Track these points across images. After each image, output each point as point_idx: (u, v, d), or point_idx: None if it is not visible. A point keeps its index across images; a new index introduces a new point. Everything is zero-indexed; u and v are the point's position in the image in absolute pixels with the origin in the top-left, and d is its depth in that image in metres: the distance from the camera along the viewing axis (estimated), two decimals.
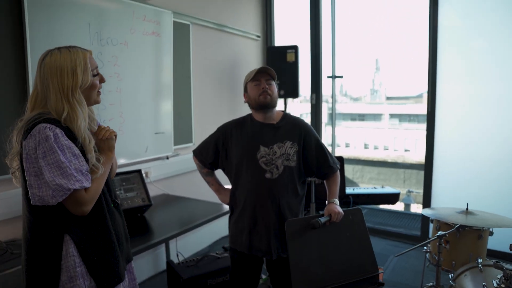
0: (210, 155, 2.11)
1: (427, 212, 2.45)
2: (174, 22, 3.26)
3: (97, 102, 1.42)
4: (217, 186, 2.20)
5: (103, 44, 2.69)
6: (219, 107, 3.96)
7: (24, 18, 2.21)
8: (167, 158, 3.31)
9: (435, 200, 3.72)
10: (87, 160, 1.31)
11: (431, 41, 3.63)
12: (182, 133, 3.48)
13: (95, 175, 1.32)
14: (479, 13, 3.47)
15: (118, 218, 1.48)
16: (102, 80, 1.42)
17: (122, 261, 1.44)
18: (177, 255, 2.84)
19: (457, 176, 3.59)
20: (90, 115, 1.45)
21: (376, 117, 14.07)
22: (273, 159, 1.94)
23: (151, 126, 3.12)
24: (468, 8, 3.51)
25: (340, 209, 1.93)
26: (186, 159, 3.48)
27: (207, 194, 3.37)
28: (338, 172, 2.08)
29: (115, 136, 1.47)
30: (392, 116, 13.17)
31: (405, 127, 13.03)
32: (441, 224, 2.43)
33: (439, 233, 2.20)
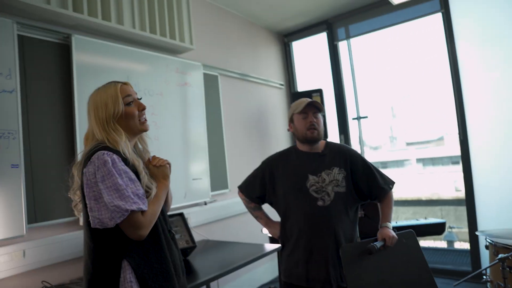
0: (257, 189, 2.10)
1: (482, 234, 2.34)
2: (204, 74, 3.44)
3: (144, 129, 1.45)
4: (266, 220, 2.18)
5: (141, 95, 2.82)
6: (250, 152, 4.01)
7: (72, 81, 2.43)
8: (205, 203, 3.31)
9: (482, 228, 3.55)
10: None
11: (453, 75, 3.69)
12: (217, 179, 3.51)
13: (149, 198, 1.35)
14: (495, 42, 3.55)
15: (174, 248, 1.47)
16: (140, 107, 1.44)
17: None
18: None
19: (501, 203, 3.44)
20: (143, 145, 1.52)
21: (399, 163, 13.87)
22: (323, 186, 1.93)
23: (188, 172, 3.17)
24: (483, 39, 3.61)
25: (393, 233, 1.88)
26: (223, 205, 3.49)
27: (247, 238, 3.34)
28: (391, 193, 2.02)
29: (169, 165, 1.50)
30: (417, 161, 12.96)
31: (430, 171, 12.76)
32: (499, 249, 2.30)
33: (500, 255, 2.08)
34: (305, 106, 1.98)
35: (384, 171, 2.07)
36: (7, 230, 2.01)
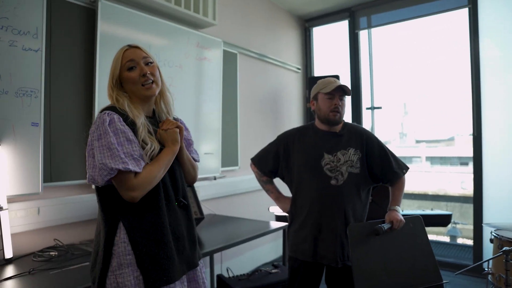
0: (270, 163, 2.12)
1: (488, 226, 2.36)
2: (224, 51, 3.45)
3: (147, 94, 1.38)
4: (276, 194, 2.21)
5: (161, 65, 2.84)
6: (262, 132, 4.04)
7: (96, 46, 2.45)
8: (215, 178, 3.36)
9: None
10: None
11: (473, 73, 3.66)
12: (228, 156, 3.56)
13: (149, 155, 1.32)
14: None
15: (181, 218, 1.42)
16: (141, 72, 1.37)
17: (180, 263, 1.36)
18: (227, 270, 2.80)
19: (508, 199, 3.44)
20: (167, 107, 1.49)
21: (407, 160, 13.81)
22: (337, 166, 1.94)
23: (200, 147, 3.21)
24: (508, 38, 3.56)
25: (401, 217, 1.90)
26: (232, 181, 3.54)
27: (253, 215, 3.40)
28: (404, 178, 2.03)
29: (180, 130, 1.43)
30: (426, 159, 12.88)
31: (437, 169, 12.69)
32: (504, 242, 2.32)
33: (505, 248, 2.10)
34: (335, 89, 1.94)
35: None
36: (24, 186, 2.07)
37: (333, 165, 1.95)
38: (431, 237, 4.77)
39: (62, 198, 2.33)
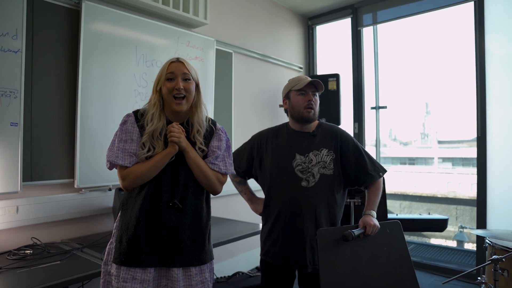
0: (244, 163, 2.08)
1: (482, 234, 2.23)
2: (217, 50, 3.41)
3: (174, 109, 1.55)
4: (249, 195, 2.16)
5: (148, 65, 2.85)
6: None
7: (79, 48, 2.46)
8: None
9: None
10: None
11: (478, 68, 3.50)
12: None
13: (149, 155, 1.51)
14: None
15: (167, 218, 1.50)
16: (175, 86, 1.52)
17: (147, 255, 1.47)
18: None
19: None
20: (195, 119, 1.60)
21: (428, 161, 13.41)
22: (309, 167, 1.88)
23: None
24: None
25: (376, 222, 1.81)
26: (227, 182, 3.49)
27: (244, 217, 3.34)
28: (381, 181, 1.94)
29: (177, 137, 1.50)
30: (444, 160, 12.47)
31: (458, 171, 12.27)
32: (496, 250, 2.20)
33: (494, 257, 1.98)
34: (306, 85, 1.91)
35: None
36: (2, 185, 2.10)
37: (304, 166, 1.89)
38: (438, 241, 4.63)
39: (42, 197, 2.34)
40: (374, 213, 1.85)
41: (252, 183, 2.18)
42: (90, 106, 2.50)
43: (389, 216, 2.82)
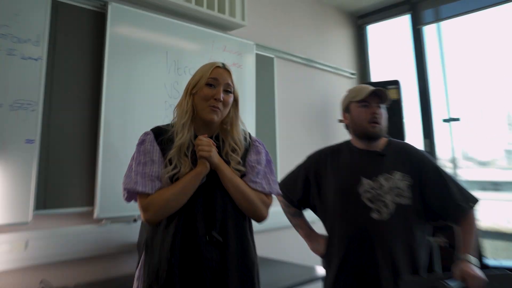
0: (299, 190, 1.70)
1: None
2: (257, 55, 3.05)
3: (207, 118, 1.32)
4: (307, 231, 1.75)
5: (180, 73, 2.54)
6: (307, 148, 3.48)
7: (104, 54, 2.21)
8: None
9: None
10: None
11: None
12: None
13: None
14: None
15: (208, 257, 1.22)
16: (214, 94, 1.31)
17: None
18: None
19: None
20: (229, 138, 1.38)
21: None
22: (380, 194, 1.48)
23: None
24: None
25: (478, 271, 1.33)
26: (272, 212, 3.03)
27: (296, 256, 2.81)
28: (472, 214, 1.49)
29: (208, 152, 1.26)
30: None
31: None
32: None
33: None
34: (368, 95, 1.57)
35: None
36: (10, 214, 1.81)
37: (374, 193, 1.48)
38: None
39: (56, 229, 1.99)
40: (474, 259, 1.37)
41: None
42: (114, 120, 2.20)
43: (487, 262, 2.21)
